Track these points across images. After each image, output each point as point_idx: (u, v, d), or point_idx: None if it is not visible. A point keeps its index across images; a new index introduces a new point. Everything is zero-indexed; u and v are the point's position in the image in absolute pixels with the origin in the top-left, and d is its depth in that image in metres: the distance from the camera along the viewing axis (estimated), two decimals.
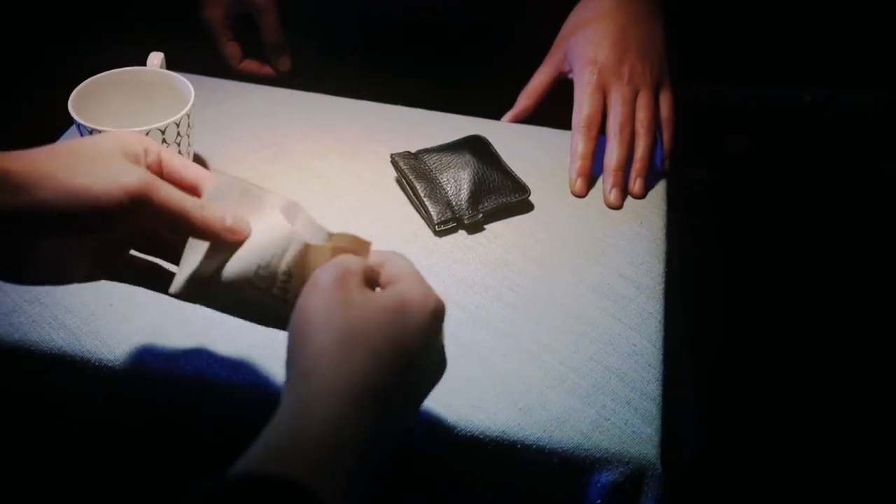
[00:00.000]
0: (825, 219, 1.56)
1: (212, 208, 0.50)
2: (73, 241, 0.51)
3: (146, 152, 0.51)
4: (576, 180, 0.82)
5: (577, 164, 0.82)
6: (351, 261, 0.49)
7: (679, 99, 0.87)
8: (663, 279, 0.74)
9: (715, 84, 1.62)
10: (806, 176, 1.60)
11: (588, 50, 0.84)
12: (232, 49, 0.99)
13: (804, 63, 1.56)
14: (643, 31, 0.86)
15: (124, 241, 0.55)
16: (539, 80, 0.90)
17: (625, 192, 0.81)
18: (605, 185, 0.81)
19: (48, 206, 0.46)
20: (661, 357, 0.67)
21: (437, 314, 0.49)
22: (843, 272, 1.51)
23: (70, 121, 0.73)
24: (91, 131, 0.71)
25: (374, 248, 0.51)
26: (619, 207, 0.80)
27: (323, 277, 0.48)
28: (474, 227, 0.76)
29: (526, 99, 0.90)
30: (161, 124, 0.72)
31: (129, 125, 0.72)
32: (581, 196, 0.81)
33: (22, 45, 1.14)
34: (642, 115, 0.83)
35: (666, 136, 0.85)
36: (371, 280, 0.50)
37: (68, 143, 0.49)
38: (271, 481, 0.39)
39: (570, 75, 0.87)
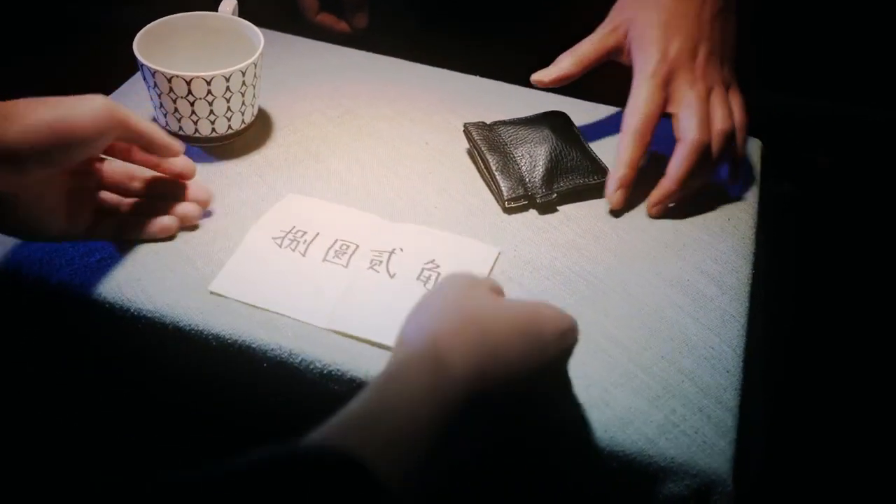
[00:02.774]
0: None
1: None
2: (47, 176, 0.55)
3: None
4: (615, 192, 0.71)
5: (621, 172, 0.70)
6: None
7: (766, 110, 0.77)
8: (749, 280, 0.67)
9: (805, 98, 1.54)
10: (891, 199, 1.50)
11: (656, 34, 0.72)
12: (309, 0, 0.95)
13: None
14: (720, 23, 0.74)
15: (94, 174, 0.62)
16: (591, 50, 0.74)
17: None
18: (661, 193, 0.71)
19: (27, 122, 0.51)
20: (740, 364, 0.61)
21: (569, 334, 0.49)
22: None
23: (136, 66, 0.70)
24: (154, 73, 0.68)
25: (436, 220, 0.49)
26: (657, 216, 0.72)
27: (456, 275, 0.50)
28: (547, 207, 0.71)
29: (573, 65, 0.74)
30: (226, 71, 0.68)
31: (195, 70, 0.69)
32: (617, 208, 0.72)
33: None
34: (720, 114, 0.71)
35: (739, 140, 0.73)
36: (497, 291, 0.51)
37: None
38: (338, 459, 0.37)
39: (625, 57, 0.74)
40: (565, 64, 0.74)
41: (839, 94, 1.50)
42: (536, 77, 0.74)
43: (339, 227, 0.66)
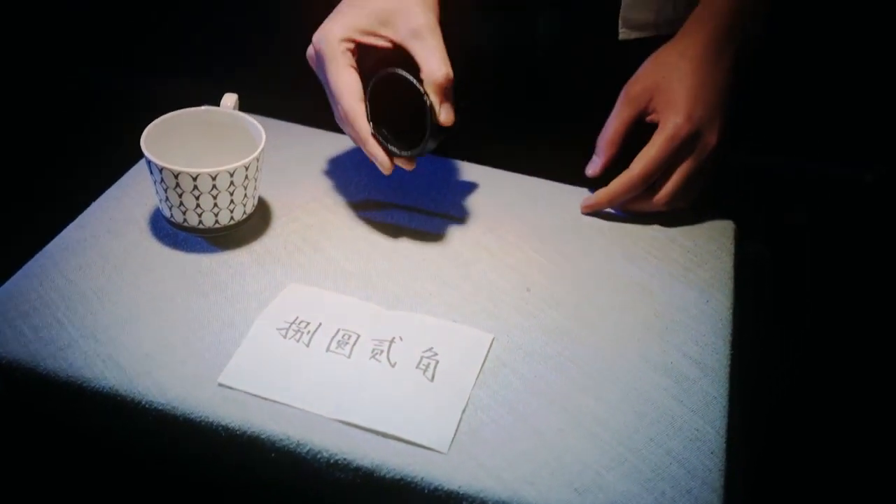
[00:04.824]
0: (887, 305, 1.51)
1: None
2: None
3: None
4: (584, 208, 0.85)
5: (596, 200, 0.84)
6: None
7: (741, 169, 0.85)
8: (728, 361, 0.71)
9: (776, 156, 1.59)
10: (866, 258, 1.55)
11: (683, 98, 0.80)
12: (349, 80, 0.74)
13: (870, 141, 1.53)
14: (733, 97, 0.83)
15: None
16: (620, 123, 0.83)
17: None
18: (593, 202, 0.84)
19: None
20: (724, 445, 0.64)
21: None
22: None
23: (141, 154, 0.73)
24: (161, 169, 0.71)
25: (432, 307, 0.50)
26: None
27: None
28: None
29: (611, 146, 0.84)
30: (230, 167, 0.71)
31: (200, 163, 0.72)
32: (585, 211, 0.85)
33: (99, 77, 1.17)
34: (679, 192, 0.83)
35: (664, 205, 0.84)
36: None
37: None
38: None
39: (650, 118, 0.82)
40: (604, 150, 0.84)
41: (805, 152, 1.56)
42: (591, 172, 0.85)
43: (340, 317, 0.70)
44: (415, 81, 0.71)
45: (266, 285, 0.73)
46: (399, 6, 0.72)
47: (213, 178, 0.71)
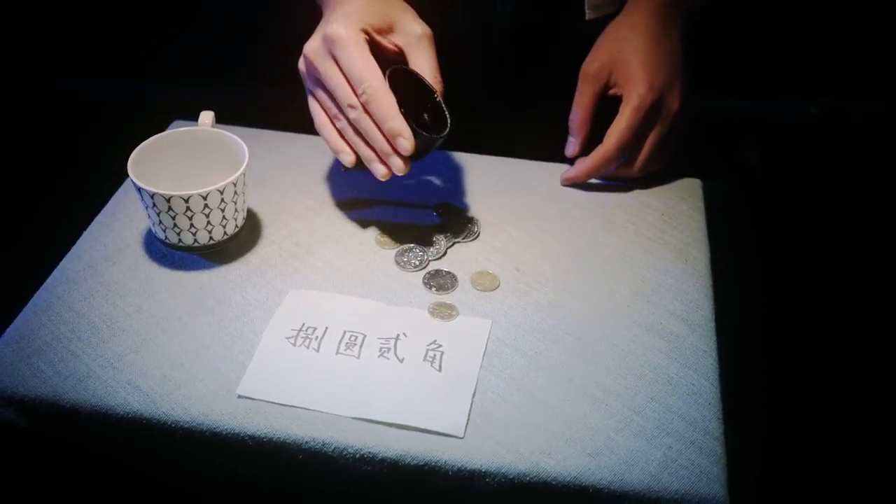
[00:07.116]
0: (845, 235, 1.56)
1: None
2: None
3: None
4: (564, 180, 0.90)
5: (574, 173, 0.88)
6: None
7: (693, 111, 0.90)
8: (713, 316, 0.75)
9: (727, 97, 1.63)
10: (821, 191, 1.60)
11: (640, 72, 0.84)
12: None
13: (813, 75, 1.57)
14: (679, 60, 0.87)
15: None
16: (586, 102, 0.88)
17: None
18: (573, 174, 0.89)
19: None
20: (719, 395, 0.69)
21: None
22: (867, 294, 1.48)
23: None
24: (153, 195, 0.72)
25: (428, 298, 0.53)
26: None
27: None
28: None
29: (583, 126, 0.89)
30: (220, 185, 0.73)
31: (187, 182, 0.74)
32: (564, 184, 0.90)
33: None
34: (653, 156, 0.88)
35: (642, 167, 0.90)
36: None
37: None
38: None
39: (613, 91, 0.87)
40: (578, 132, 0.89)
41: (760, 90, 1.61)
42: (570, 152, 0.90)
43: (345, 318, 0.72)
44: (427, 81, 0.76)
45: (268, 294, 0.75)
46: (399, 15, 0.77)
47: (205, 198, 0.73)
